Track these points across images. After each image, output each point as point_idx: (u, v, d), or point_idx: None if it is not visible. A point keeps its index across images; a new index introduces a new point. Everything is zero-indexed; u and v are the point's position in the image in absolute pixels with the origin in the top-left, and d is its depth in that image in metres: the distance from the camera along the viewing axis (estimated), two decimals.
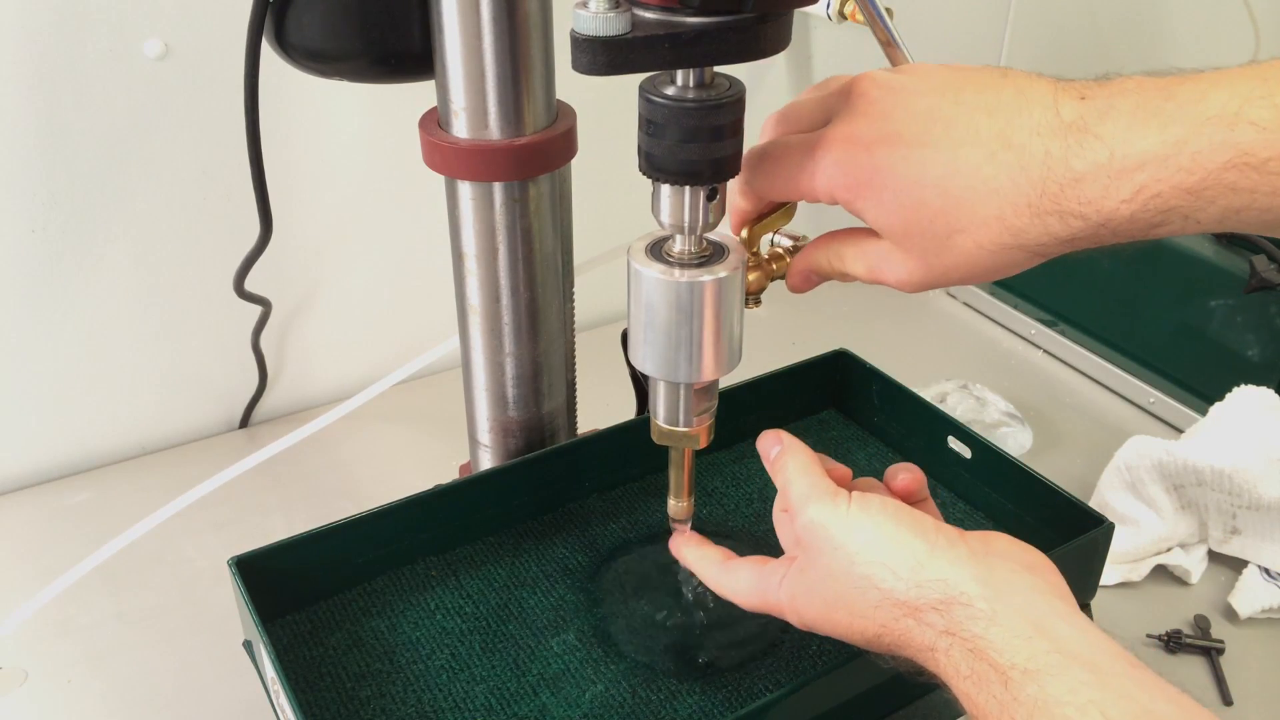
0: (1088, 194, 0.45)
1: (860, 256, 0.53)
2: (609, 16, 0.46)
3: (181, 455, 1.00)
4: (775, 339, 1.06)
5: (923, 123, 0.48)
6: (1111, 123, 0.44)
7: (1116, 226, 0.45)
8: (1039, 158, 0.46)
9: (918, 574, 0.48)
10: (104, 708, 0.74)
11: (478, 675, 0.63)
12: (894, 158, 0.49)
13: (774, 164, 0.53)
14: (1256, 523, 0.82)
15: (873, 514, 0.51)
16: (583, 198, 0.72)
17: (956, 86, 0.49)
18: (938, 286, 0.52)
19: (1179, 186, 0.43)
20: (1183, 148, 0.43)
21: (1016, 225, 0.47)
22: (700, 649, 0.65)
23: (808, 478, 0.54)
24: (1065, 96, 0.46)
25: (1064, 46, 1.42)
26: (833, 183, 0.51)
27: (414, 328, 1.04)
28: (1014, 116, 0.47)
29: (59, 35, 0.82)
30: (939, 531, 0.50)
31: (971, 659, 0.45)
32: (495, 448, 0.74)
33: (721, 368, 0.56)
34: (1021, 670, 0.43)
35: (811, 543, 0.52)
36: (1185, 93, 0.44)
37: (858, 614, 0.50)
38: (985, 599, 0.46)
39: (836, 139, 0.50)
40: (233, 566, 0.62)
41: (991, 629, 0.45)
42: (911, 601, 0.48)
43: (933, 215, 0.48)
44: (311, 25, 0.62)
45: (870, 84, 0.51)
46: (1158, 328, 1.04)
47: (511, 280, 0.67)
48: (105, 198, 0.89)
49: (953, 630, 0.46)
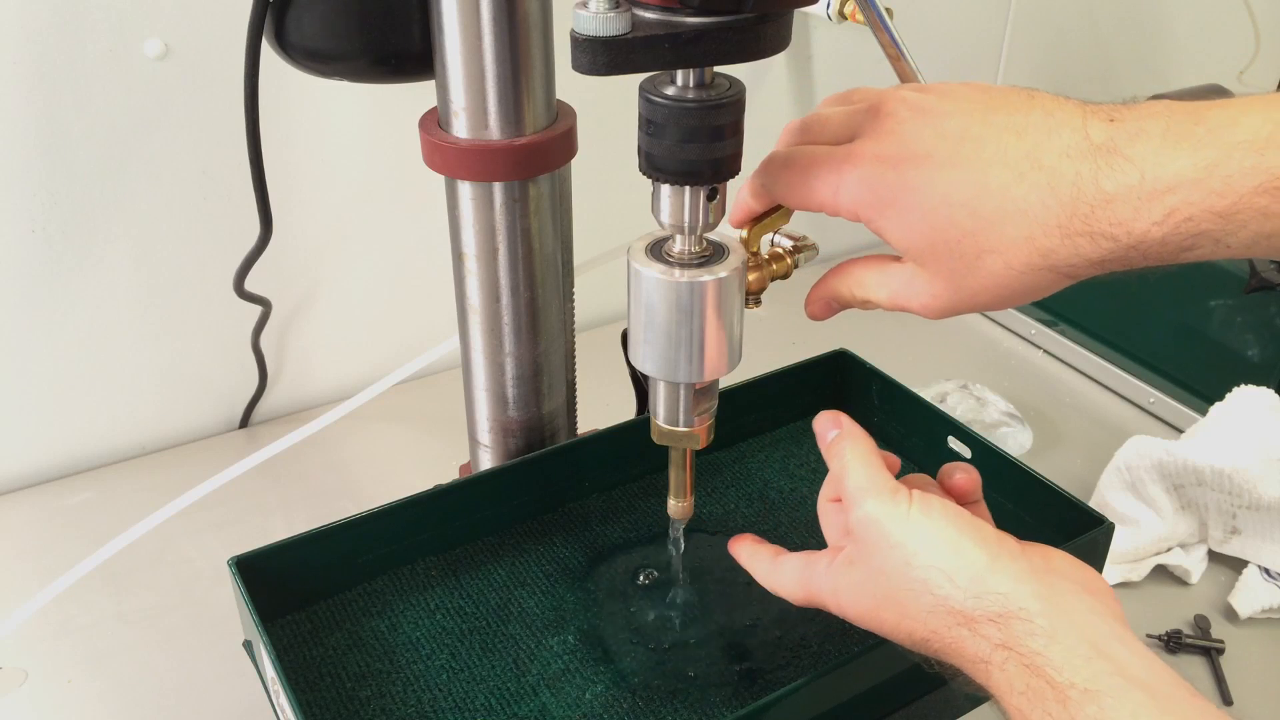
0: (1119, 215, 0.45)
1: (883, 282, 0.53)
2: (609, 16, 0.46)
3: (181, 455, 1.00)
4: (775, 339, 1.06)
5: (952, 143, 0.48)
6: (1142, 145, 0.44)
7: (1147, 249, 0.45)
8: (1069, 179, 0.45)
9: (977, 585, 0.47)
10: (104, 708, 0.74)
11: (478, 675, 0.63)
12: (922, 177, 0.48)
13: (798, 173, 0.53)
14: (1256, 523, 0.82)
15: (934, 517, 0.50)
16: (583, 198, 0.72)
17: (985, 108, 0.49)
18: (964, 311, 0.51)
19: (1210, 210, 0.43)
20: (1214, 171, 0.43)
21: (1046, 246, 0.46)
22: (701, 648, 0.65)
23: (867, 469, 0.53)
24: (1094, 119, 0.46)
25: (1064, 47, 1.42)
26: (857, 199, 0.50)
27: (414, 328, 1.04)
28: (1043, 138, 0.47)
29: (59, 35, 0.82)
30: (1001, 543, 0.49)
31: (1027, 675, 0.44)
32: (495, 448, 0.74)
33: (721, 368, 0.56)
34: (1081, 690, 0.43)
35: (866, 537, 0.51)
36: (1215, 117, 0.44)
37: (908, 615, 0.49)
38: (1045, 616, 0.46)
39: (864, 156, 0.50)
40: (233, 566, 0.62)
41: (1051, 646, 0.45)
42: (968, 612, 0.47)
43: (961, 235, 0.48)
44: (311, 25, 0.62)
45: (899, 104, 0.50)
46: (1158, 328, 1.04)
47: (511, 280, 0.67)
48: (105, 198, 0.89)
49: (1009, 644, 0.46)
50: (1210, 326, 0.98)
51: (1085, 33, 1.41)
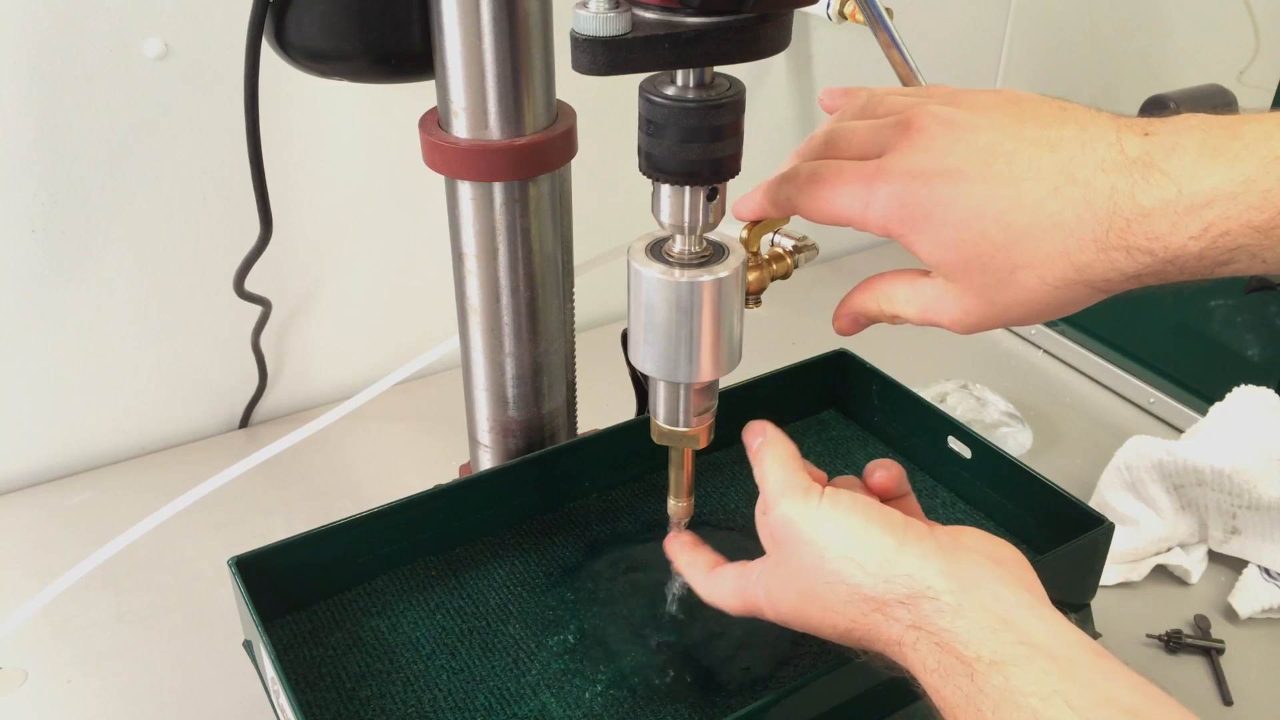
0: (1155, 229, 0.45)
1: (913, 297, 0.53)
2: (609, 16, 0.46)
3: (181, 455, 1.00)
4: (775, 339, 1.06)
5: (984, 158, 0.48)
6: (1178, 159, 0.44)
7: (1184, 264, 0.45)
8: (1105, 193, 0.45)
9: (885, 569, 0.48)
10: (104, 708, 0.74)
11: (478, 675, 0.63)
12: (955, 192, 0.48)
13: (827, 188, 0.52)
14: (1256, 523, 0.82)
15: (842, 509, 0.51)
16: (583, 198, 0.72)
17: (1017, 121, 0.49)
18: (995, 326, 0.51)
19: (1248, 224, 0.43)
20: (1252, 186, 0.43)
21: (1082, 261, 0.46)
22: (701, 648, 0.65)
23: (783, 473, 0.54)
24: (1128, 132, 0.46)
25: (1064, 46, 1.42)
26: (888, 215, 0.50)
27: (414, 328, 1.04)
28: (1077, 152, 0.47)
29: (59, 35, 0.82)
30: (908, 526, 0.50)
31: (938, 652, 0.46)
32: (495, 448, 0.74)
33: (721, 368, 0.56)
34: (987, 662, 0.44)
35: (783, 538, 0.52)
36: (1251, 132, 0.44)
37: (829, 609, 0.50)
38: (951, 592, 0.47)
39: (895, 171, 0.50)
40: (233, 566, 0.62)
41: (957, 622, 0.46)
42: (879, 596, 0.48)
43: (994, 250, 0.48)
44: (311, 25, 0.62)
45: (930, 119, 0.50)
46: (1158, 328, 1.04)
47: (511, 280, 0.67)
48: (105, 198, 0.89)
49: (919, 624, 0.47)
50: (1210, 326, 0.98)
51: (1085, 32, 1.41)
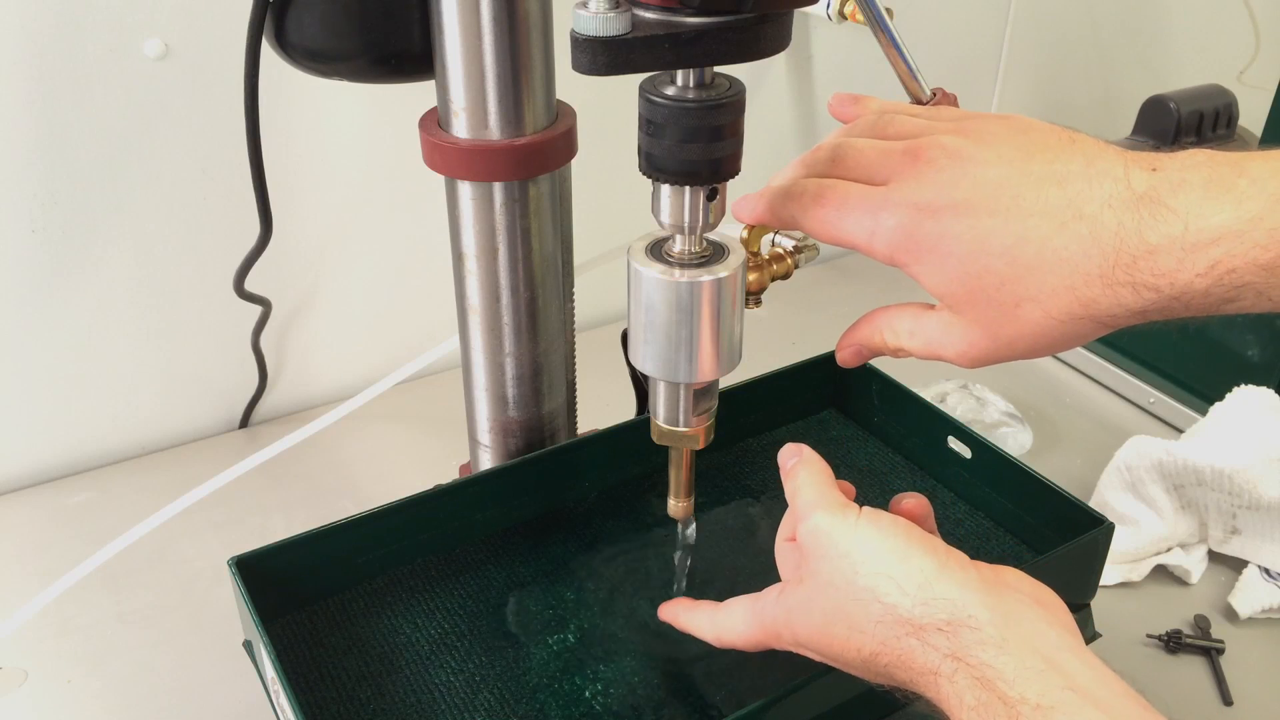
0: (1162, 266, 0.44)
1: (917, 331, 0.53)
2: (609, 16, 0.46)
3: (181, 455, 1.00)
4: (775, 339, 1.06)
5: (991, 192, 0.48)
6: (1185, 196, 0.44)
7: (1190, 300, 0.45)
8: (1111, 229, 0.45)
9: (925, 591, 0.47)
10: (104, 708, 0.74)
11: (478, 675, 0.63)
12: (961, 225, 0.48)
13: (832, 210, 0.52)
14: (1256, 523, 0.82)
15: (882, 527, 0.50)
16: (583, 198, 0.72)
17: (1025, 154, 0.49)
18: (999, 360, 0.50)
19: (1254, 262, 0.43)
20: (1259, 224, 0.43)
21: (1088, 296, 0.46)
22: (701, 648, 0.65)
23: (818, 488, 0.53)
24: (1135, 168, 0.46)
25: (1064, 46, 1.42)
26: (893, 245, 0.50)
27: (414, 328, 1.04)
28: (1084, 187, 0.47)
29: (59, 35, 0.82)
30: (950, 553, 0.49)
31: (978, 688, 0.44)
32: (495, 448, 0.74)
33: (721, 368, 0.56)
34: (1033, 706, 0.42)
35: (814, 549, 0.51)
36: (1258, 169, 0.44)
37: (856, 628, 0.48)
38: (994, 625, 0.45)
39: (901, 203, 0.50)
40: (233, 566, 0.62)
41: (1001, 657, 0.44)
42: (916, 619, 0.46)
43: (1000, 283, 0.48)
44: (311, 25, 0.62)
45: (938, 150, 0.50)
46: (1158, 328, 1.04)
47: (511, 280, 0.67)
48: (105, 197, 0.89)
49: (958, 654, 0.45)
50: (1210, 326, 0.98)
51: (1085, 32, 1.41)
